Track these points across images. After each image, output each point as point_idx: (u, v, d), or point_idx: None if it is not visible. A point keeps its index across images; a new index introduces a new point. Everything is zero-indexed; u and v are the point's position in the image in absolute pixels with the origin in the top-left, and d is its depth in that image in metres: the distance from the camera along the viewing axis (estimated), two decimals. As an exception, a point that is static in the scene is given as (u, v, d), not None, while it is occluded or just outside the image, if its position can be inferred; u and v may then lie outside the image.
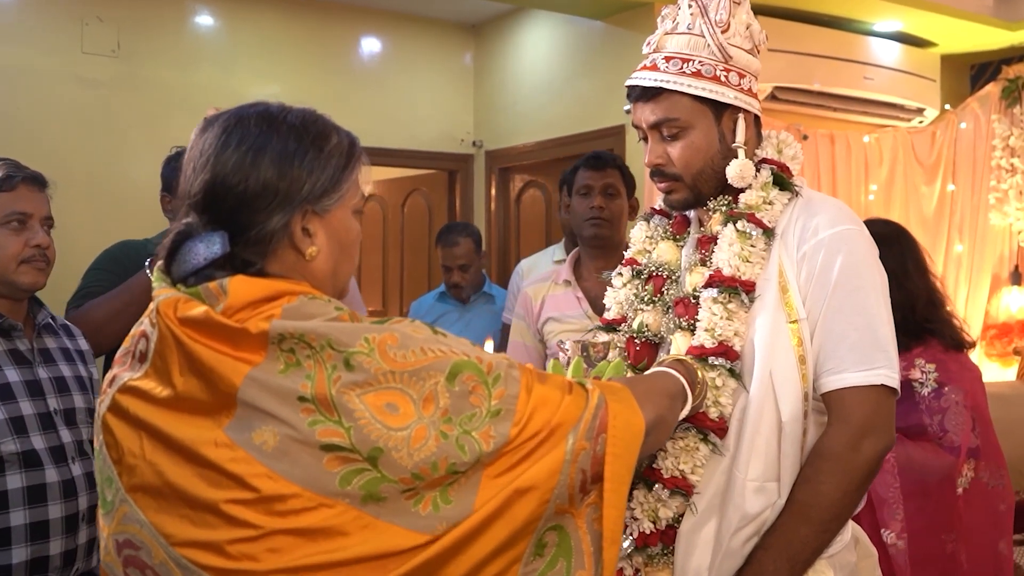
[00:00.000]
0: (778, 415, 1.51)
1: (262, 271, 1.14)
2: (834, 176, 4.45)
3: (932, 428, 2.45)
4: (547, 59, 5.01)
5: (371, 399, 1.04)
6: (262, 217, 1.13)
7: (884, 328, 1.54)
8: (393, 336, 1.07)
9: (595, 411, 1.13)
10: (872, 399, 1.50)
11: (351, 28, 5.06)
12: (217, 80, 4.58)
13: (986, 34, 4.50)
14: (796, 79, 4.20)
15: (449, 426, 1.05)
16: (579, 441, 1.11)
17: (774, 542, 1.49)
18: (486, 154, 5.39)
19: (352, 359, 1.05)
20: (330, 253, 1.19)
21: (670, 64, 1.57)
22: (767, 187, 1.60)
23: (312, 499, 1.02)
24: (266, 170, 1.13)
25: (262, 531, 1.02)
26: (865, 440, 1.49)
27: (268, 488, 1.02)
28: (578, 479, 1.10)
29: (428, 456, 1.04)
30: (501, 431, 1.07)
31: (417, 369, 1.06)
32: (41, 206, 1.97)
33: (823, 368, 1.53)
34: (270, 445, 1.03)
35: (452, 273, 3.80)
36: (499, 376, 1.10)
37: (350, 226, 1.21)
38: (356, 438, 1.02)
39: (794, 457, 1.52)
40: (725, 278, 1.55)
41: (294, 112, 1.19)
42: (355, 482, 1.03)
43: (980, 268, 4.63)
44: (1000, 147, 4.58)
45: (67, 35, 4.25)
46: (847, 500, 1.50)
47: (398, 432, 1.03)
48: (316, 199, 1.16)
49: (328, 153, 1.17)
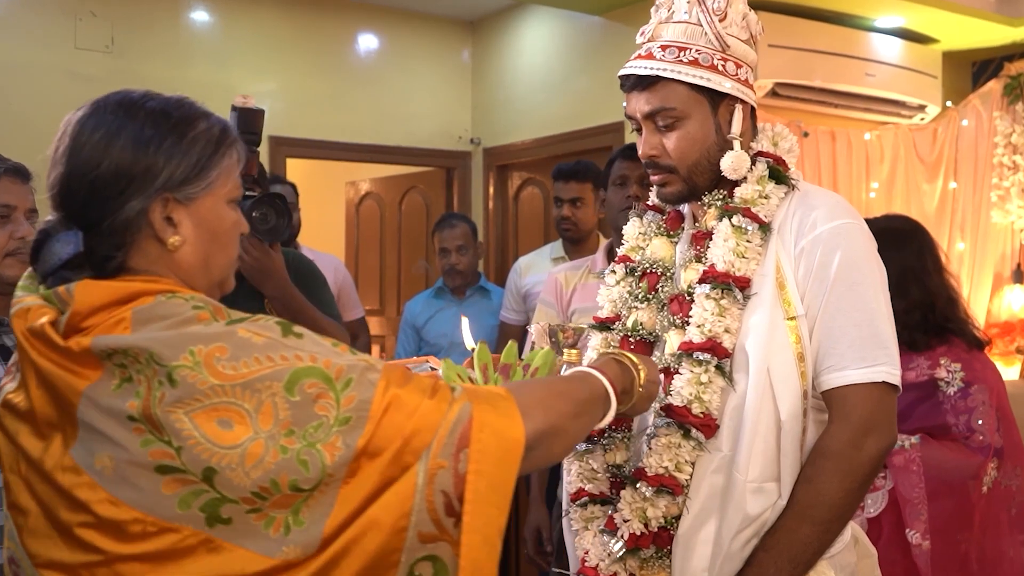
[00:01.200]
0: (777, 414, 1.48)
1: (123, 265, 1.11)
2: (835, 173, 4.42)
3: (958, 428, 2.43)
4: (545, 55, 4.98)
5: (201, 417, 0.98)
6: (115, 205, 1.09)
7: (884, 324, 1.51)
8: (222, 347, 1.01)
9: (454, 424, 1.02)
10: (874, 396, 1.48)
11: (347, 24, 5.03)
12: (212, 77, 4.55)
13: (988, 31, 4.47)
14: (797, 75, 4.17)
15: (291, 439, 0.98)
16: (434, 460, 1.00)
17: (775, 543, 1.46)
18: (484, 151, 5.35)
19: (175, 374, 0.99)
20: (198, 243, 1.14)
21: (666, 52, 1.54)
22: (763, 181, 1.57)
23: (155, 524, 0.99)
24: (119, 156, 1.09)
25: (109, 556, 0.99)
26: (867, 438, 1.47)
27: (111, 514, 0.99)
28: (440, 502, 1.00)
29: (266, 474, 0.97)
30: (349, 442, 0.99)
31: (250, 380, 0.99)
32: (25, 198, 1.93)
33: (823, 365, 1.50)
34: (109, 469, 1.00)
35: (450, 255, 3.79)
36: (350, 380, 1.02)
37: (223, 215, 1.17)
38: (186, 458, 0.98)
39: (794, 456, 1.50)
40: (719, 274, 1.52)
41: (159, 99, 1.15)
42: (194, 504, 0.98)
43: (982, 266, 4.60)
44: (1002, 144, 4.55)
45: (60, 30, 4.21)
46: (849, 499, 1.48)
47: (231, 450, 0.97)
48: (177, 187, 1.11)
49: (191, 139, 1.13)
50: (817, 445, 1.50)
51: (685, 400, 1.48)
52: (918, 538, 2.35)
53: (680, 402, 1.49)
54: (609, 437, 1.62)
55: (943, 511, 2.38)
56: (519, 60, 5.14)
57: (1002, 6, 4.30)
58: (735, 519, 1.46)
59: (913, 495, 2.37)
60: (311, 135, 4.85)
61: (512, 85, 5.18)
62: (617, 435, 1.62)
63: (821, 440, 1.50)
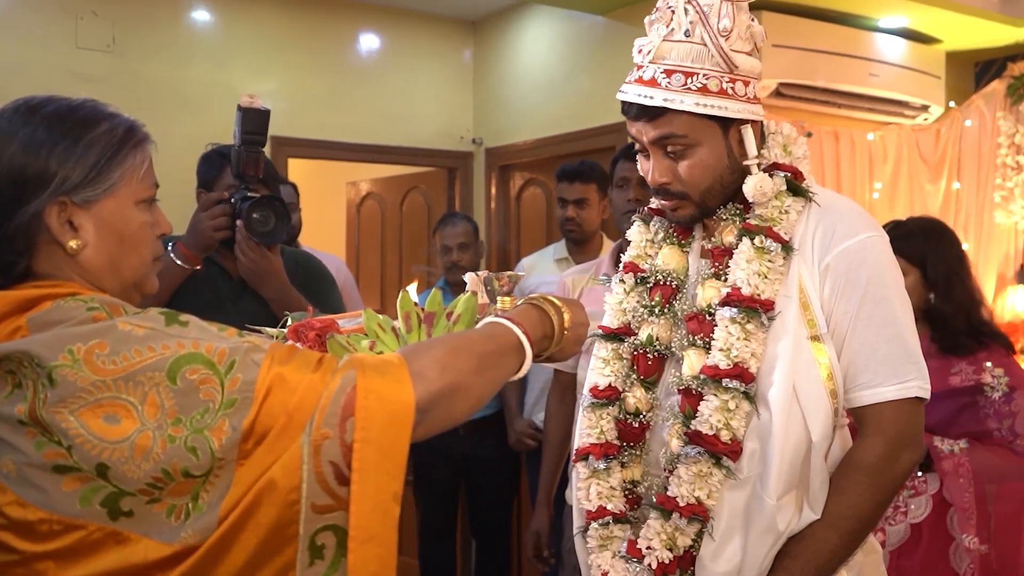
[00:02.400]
0: (807, 434, 1.46)
1: (29, 270, 1.11)
2: (838, 174, 4.41)
3: (1001, 432, 2.42)
4: (547, 55, 4.97)
5: (86, 414, 0.99)
6: (10, 210, 1.09)
7: (910, 336, 1.51)
8: (102, 343, 1.01)
9: (336, 394, 1.02)
10: (907, 412, 1.48)
11: (349, 24, 5.01)
12: (212, 76, 4.53)
13: (991, 31, 4.47)
14: (801, 75, 4.15)
15: (178, 428, 1.00)
16: (318, 430, 1.01)
17: (803, 550, 1.46)
18: (486, 151, 5.34)
19: (55, 374, 0.99)
20: (102, 246, 1.14)
21: (672, 79, 1.47)
22: (782, 196, 1.53)
23: (60, 522, 1.00)
24: (10, 161, 1.09)
25: (25, 555, 1.01)
26: (903, 453, 1.48)
27: (18, 515, 1.00)
28: (330, 472, 1.01)
29: (156, 464, 0.99)
30: (235, 424, 1.00)
31: (131, 373, 1.00)
32: None
33: (856, 382, 1.49)
34: (13, 472, 1.01)
35: (452, 252, 3.79)
36: (234, 363, 1.02)
37: (128, 217, 1.16)
38: (78, 457, 0.99)
39: (822, 471, 1.49)
40: (744, 298, 1.48)
41: (59, 103, 1.14)
42: (95, 500, 0.99)
43: (985, 266, 4.59)
44: (1005, 144, 4.54)
45: (61, 30, 4.20)
46: (879, 511, 1.49)
47: (120, 444, 0.99)
48: (73, 190, 1.11)
49: (88, 142, 1.12)
50: (852, 458, 1.49)
51: (714, 428, 1.46)
52: (975, 543, 2.35)
53: (709, 430, 1.47)
54: (628, 454, 1.61)
55: (999, 514, 2.39)
56: (521, 60, 5.13)
57: (1006, 6, 4.29)
58: (763, 537, 1.46)
59: (964, 500, 2.37)
60: (312, 135, 4.84)
61: (514, 85, 5.16)
62: (635, 451, 1.61)
63: (856, 453, 1.50)
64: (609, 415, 1.62)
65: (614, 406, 1.63)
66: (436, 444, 1.25)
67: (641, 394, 1.61)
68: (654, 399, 1.61)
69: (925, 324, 2.28)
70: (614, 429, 1.62)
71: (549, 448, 2.94)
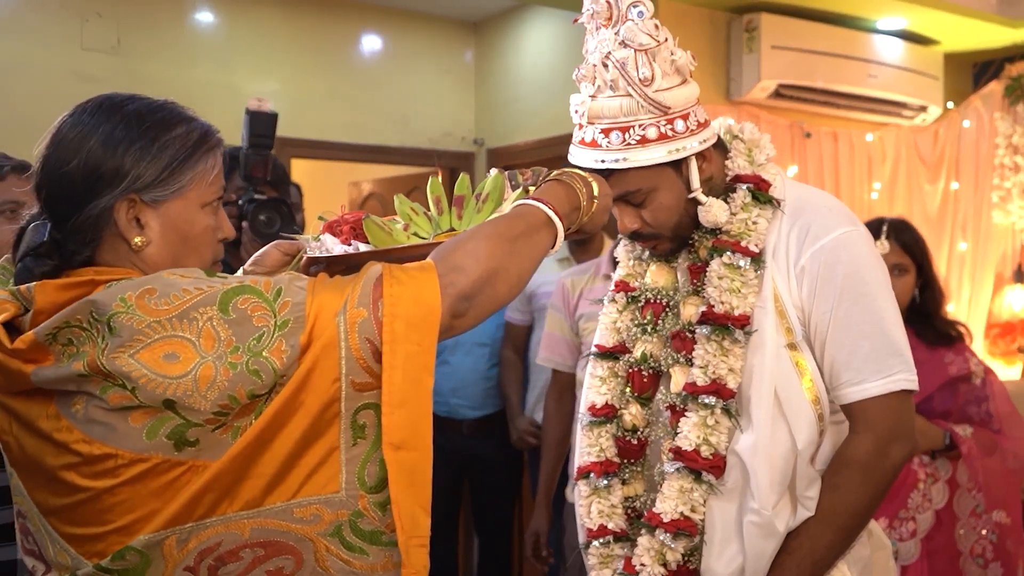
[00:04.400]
0: (792, 443, 1.48)
1: (91, 260, 1.15)
2: (837, 174, 4.44)
3: (979, 416, 2.52)
4: (548, 56, 5.00)
5: (145, 355, 1.03)
6: (83, 202, 1.13)
7: (894, 329, 1.50)
8: (152, 289, 1.06)
9: (366, 282, 1.09)
10: (894, 405, 1.48)
11: (351, 25, 5.04)
12: (217, 77, 4.56)
13: (989, 32, 4.49)
14: (800, 76, 4.18)
15: (237, 355, 1.04)
16: (352, 310, 1.06)
17: (798, 547, 1.47)
18: (487, 152, 5.37)
19: (113, 321, 1.03)
20: (165, 245, 1.17)
21: (611, 137, 1.47)
22: (747, 207, 1.53)
23: (125, 456, 1.05)
24: (89, 155, 1.12)
25: (92, 492, 1.06)
26: (892, 447, 1.48)
27: (86, 451, 1.05)
28: (367, 350, 1.06)
29: (222, 392, 1.03)
30: (292, 342, 1.05)
31: (185, 310, 1.05)
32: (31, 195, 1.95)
33: (840, 380, 1.49)
34: (81, 413, 1.06)
35: None
36: (280, 290, 1.07)
37: (194, 219, 1.19)
38: (143, 396, 1.03)
39: (811, 473, 1.51)
40: (717, 316, 1.49)
41: (140, 102, 1.18)
42: (161, 432, 1.04)
43: (983, 266, 4.62)
44: (1003, 145, 4.57)
45: (67, 31, 4.22)
46: (873, 505, 1.50)
47: (182, 379, 1.03)
48: (144, 189, 1.14)
49: (164, 144, 1.15)
50: (842, 455, 1.50)
51: (693, 444, 1.48)
52: (1004, 516, 2.51)
53: (688, 446, 1.48)
54: (628, 470, 1.63)
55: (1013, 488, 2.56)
56: (522, 61, 5.16)
57: (1003, 8, 4.32)
58: (765, 541, 1.47)
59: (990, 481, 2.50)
60: (314, 135, 4.86)
61: (516, 86, 5.19)
62: (636, 467, 1.62)
63: (846, 450, 1.50)
64: (608, 432, 1.64)
65: (612, 423, 1.65)
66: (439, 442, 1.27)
67: (637, 411, 1.62)
68: (651, 415, 1.63)
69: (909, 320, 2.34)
70: (613, 446, 1.64)
71: (548, 448, 2.96)
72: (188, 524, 1.06)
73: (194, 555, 1.06)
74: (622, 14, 1.47)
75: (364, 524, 1.10)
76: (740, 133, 1.61)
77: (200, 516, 1.06)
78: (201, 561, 1.07)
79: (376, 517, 1.10)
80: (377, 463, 1.09)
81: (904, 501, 2.44)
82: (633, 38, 1.45)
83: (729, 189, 1.56)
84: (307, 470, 1.07)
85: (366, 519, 1.10)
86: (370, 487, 1.09)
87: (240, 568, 1.08)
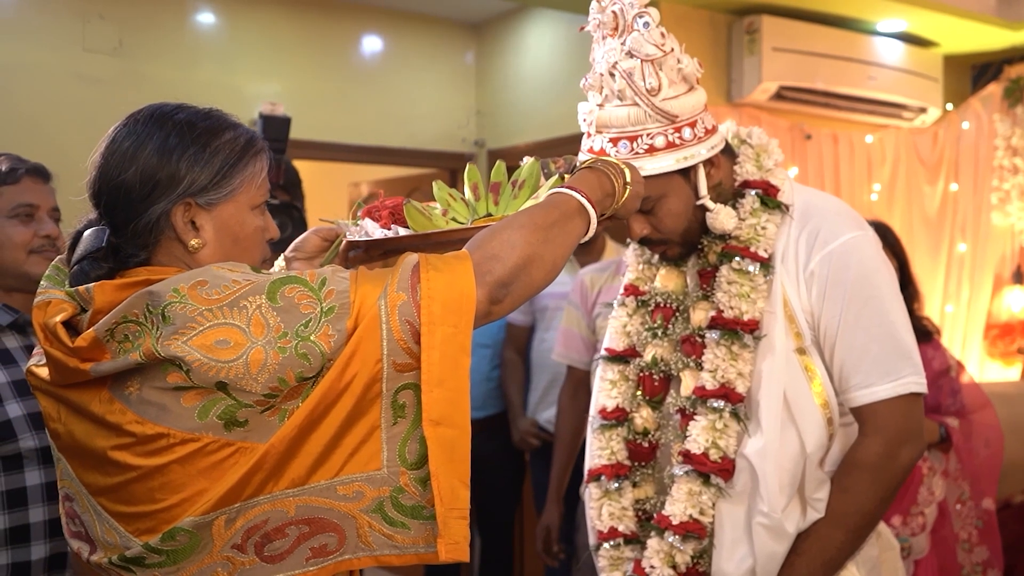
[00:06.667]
0: (801, 446, 1.49)
1: (146, 262, 1.19)
2: (837, 176, 4.45)
3: (953, 408, 2.59)
4: (549, 58, 5.00)
5: (198, 341, 1.07)
6: (141, 208, 1.18)
7: (903, 332, 1.51)
8: (202, 280, 1.10)
9: (405, 267, 1.13)
10: (903, 408, 1.49)
11: (352, 26, 5.05)
12: (218, 78, 4.56)
13: (988, 34, 4.51)
14: (800, 78, 4.20)
15: (286, 340, 1.08)
16: (392, 294, 1.10)
17: (809, 547, 1.48)
18: (488, 153, 5.37)
19: (167, 311, 1.08)
20: (218, 246, 1.22)
21: (619, 146, 1.48)
22: (756, 213, 1.54)
23: (176, 436, 1.08)
24: (145, 163, 1.18)
25: (142, 471, 1.09)
26: (902, 449, 1.49)
27: (139, 431, 1.09)
28: (408, 331, 1.10)
29: (273, 374, 1.07)
30: (339, 327, 1.09)
31: (235, 299, 1.09)
32: (47, 198, 1.96)
33: (849, 383, 1.50)
34: (134, 394, 1.10)
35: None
36: (324, 279, 1.11)
37: (244, 220, 1.24)
38: (196, 379, 1.07)
39: (820, 475, 1.52)
40: (726, 321, 1.51)
41: (189, 111, 1.23)
42: (212, 412, 1.07)
43: (982, 268, 4.64)
44: (1002, 147, 4.58)
45: (68, 32, 4.22)
46: (883, 507, 1.51)
47: (234, 363, 1.06)
48: (198, 193, 1.19)
49: (215, 149, 1.20)
50: (852, 457, 1.51)
51: (702, 447, 1.49)
52: (991, 503, 2.61)
53: (697, 449, 1.50)
54: (639, 473, 1.63)
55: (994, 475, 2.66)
56: (523, 63, 5.17)
57: (1002, 10, 4.33)
58: (776, 542, 1.48)
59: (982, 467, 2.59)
60: (315, 137, 4.86)
61: (516, 87, 5.20)
62: (647, 470, 1.63)
63: (856, 452, 1.50)
64: (619, 436, 1.65)
65: (623, 427, 1.66)
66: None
67: (648, 414, 1.63)
68: (661, 419, 1.64)
69: None
70: (624, 449, 1.65)
71: (560, 444, 2.95)
72: (236, 504, 1.09)
73: (241, 533, 1.10)
74: (628, 25, 1.48)
75: (405, 499, 1.13)
76: (748, 138, 1.62)
77: (248, 496, 1.09)
78: (248, 539, 1.11)
79: (417, 492, 1.13)
80: (418, 440, 1.12)
81: (915, 496, 2.48)
82: (639, 49, 1.46)
83: (738, 194, 1.57)
84: (350, 449, 1.11)
85: (407, 495, 1.13)
86: (411, 463, 1.13)
87: (286, 545, 1.12)
